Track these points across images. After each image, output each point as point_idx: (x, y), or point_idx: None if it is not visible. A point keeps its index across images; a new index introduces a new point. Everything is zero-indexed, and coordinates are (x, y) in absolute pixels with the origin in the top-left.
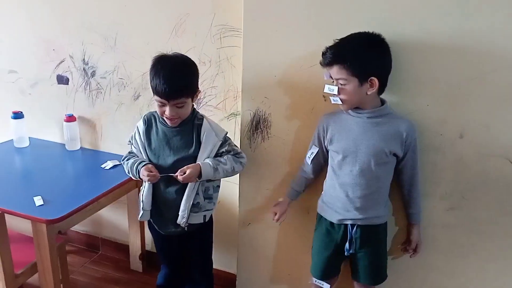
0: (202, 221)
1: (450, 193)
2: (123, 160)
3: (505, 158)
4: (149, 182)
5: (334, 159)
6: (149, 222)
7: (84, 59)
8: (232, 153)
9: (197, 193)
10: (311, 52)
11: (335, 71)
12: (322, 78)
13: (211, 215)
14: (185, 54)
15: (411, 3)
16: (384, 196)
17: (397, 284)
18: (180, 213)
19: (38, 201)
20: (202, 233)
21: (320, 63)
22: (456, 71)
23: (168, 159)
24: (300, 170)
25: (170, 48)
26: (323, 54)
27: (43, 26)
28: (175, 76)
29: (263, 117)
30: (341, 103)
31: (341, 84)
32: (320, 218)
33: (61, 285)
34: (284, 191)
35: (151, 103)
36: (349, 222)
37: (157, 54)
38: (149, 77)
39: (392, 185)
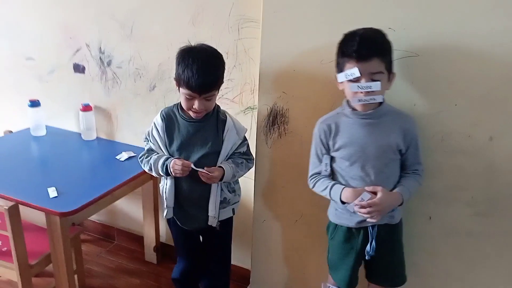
0: (231, 215)
1: (477, 199)
2: (141, 158)
3: None
4: (180, 175)
5: (340, 166)
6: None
7: (100, 48)
8: (246, 156)
9: (221, 190)
10: (331, 46)
11: (375, 64)
12: None
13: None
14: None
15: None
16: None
17: None
18: (210, 214)
19: (52, 192)
20: (225, 227)
21: (352, 56)
22: (491, 71)
23: (193, 155)
24: (322, 177)
25: (187, 38)
26: (359, 47)
27: (61, 12)
28: (208, 70)
29: (281, 112)
30: (381, 100)
31: (376, 80)
32: (335, 227)
33: (75, 275)
34: (300, 189)
35: (166, 94)
36: (369, 224)
37: (183, 46)
38: (176, 69)
39: None
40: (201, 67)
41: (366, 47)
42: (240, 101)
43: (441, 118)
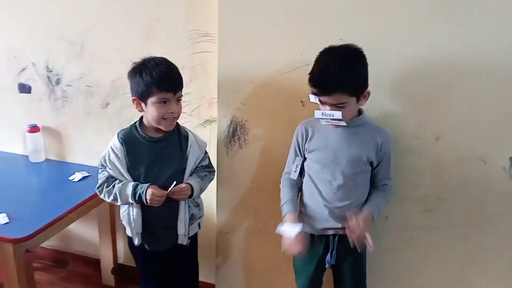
0: (198, 230)
1: (427, 195)
2: (99, 188)
3: (480, 160)
4: (157, 205)
5: (311, 168)
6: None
7: (47, 67)
8: (208, 169)
9: (188, 206)
10: (288, 58)
11: (335, 97)
12: (299, 84)
13: None
14: None
15: (387, 8)
16: (363, 205)
17: None
18: (179, 232)
19: (3, 218)
20: (192, 243)
21: (314, 93)
22: (432, 76)
23: (160, 176)
24: (288, 184)
25: (140, 54)
26: (318, 83)
27: (4, 32)
28: (174, 69)
29: (240, 123)
30: (344, 124)
31: (340, 108)
32: None
33: None
34: (263, 198)
35: (121, 111)
36: (330, 233)
37: (134, 63)
38: (138, 83)
39: None
40: (168, 66)
41: (323, 83)
42: (198, 114)
43: (391, 121)
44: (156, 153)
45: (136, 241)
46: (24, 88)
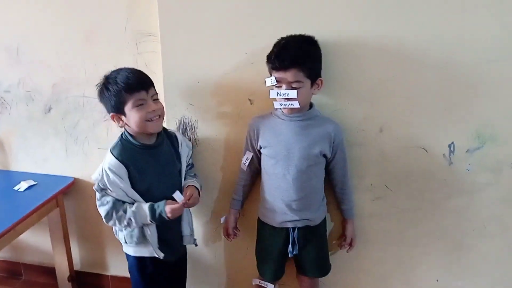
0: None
1: (375, 185)
2: (107, 216)
3: (421, 148)
4: (179, 215)
5: (267, 163)
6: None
7: None
8: (194, 168)
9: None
10: (233, 57)
11: (292, 74)
12: (246, 82)
13: None
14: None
15: (328, 6)
16: (319, 196)
17: (333, 275)
18: (185, 234)
19: None
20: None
21: (272, 68)
22: (373, 71)
23: (166, 181)
24: (238, 177)
25: (82, 57)
26: (276, 57)
27: None
28: (137, 70)
29: (190, 124)
30: (298, 106)
31: (295, 88)
32: (262, 223)
33: None
34: (217, 197)
35: (65, 116)
36: (289, 225)
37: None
38: (109, 98)
39: (325, 182)
40: (130, 70)
41: (282, 57)
42: None
43: (337, 115)
44: (159, 159)
45: (162, 255)
46: None
